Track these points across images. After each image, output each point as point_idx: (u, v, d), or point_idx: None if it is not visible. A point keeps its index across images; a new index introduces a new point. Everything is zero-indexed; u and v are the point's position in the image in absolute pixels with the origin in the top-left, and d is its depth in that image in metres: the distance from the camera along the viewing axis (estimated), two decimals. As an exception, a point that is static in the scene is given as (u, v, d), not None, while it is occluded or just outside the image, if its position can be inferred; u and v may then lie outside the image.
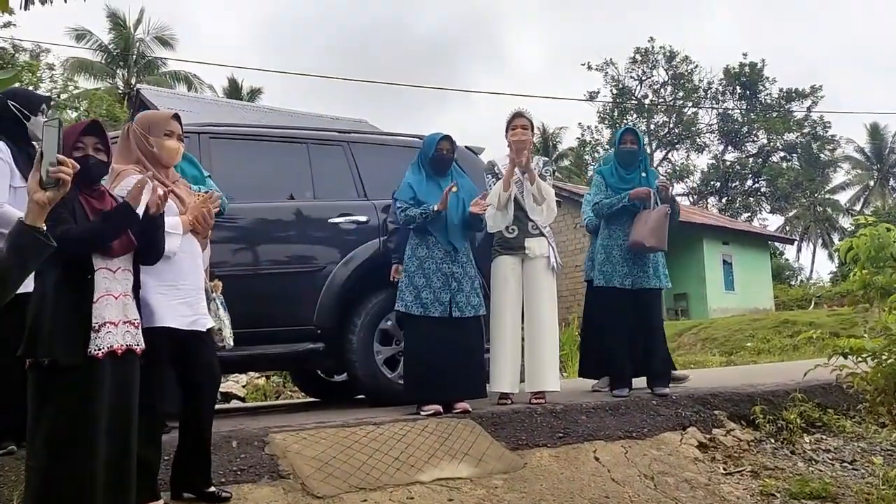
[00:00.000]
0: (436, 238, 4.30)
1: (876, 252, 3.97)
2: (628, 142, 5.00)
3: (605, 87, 34.52)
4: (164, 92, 17.09)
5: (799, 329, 12.99)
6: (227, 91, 28.69)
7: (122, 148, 3.03)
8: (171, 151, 3.02)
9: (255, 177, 4.83)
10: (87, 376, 2.41)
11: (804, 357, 9.90)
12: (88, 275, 2.44)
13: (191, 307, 2.94)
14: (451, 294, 4.24)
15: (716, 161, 34.43)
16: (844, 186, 37.79)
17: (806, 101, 32.71)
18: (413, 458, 3.57)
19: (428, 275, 4.25)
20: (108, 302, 2.49)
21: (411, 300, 4.23)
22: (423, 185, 4.37)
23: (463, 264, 4.35)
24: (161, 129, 3.00)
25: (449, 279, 4.26)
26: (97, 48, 25.33)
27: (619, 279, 4.81)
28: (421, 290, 4.22)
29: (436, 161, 4.42)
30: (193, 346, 2.96)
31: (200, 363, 2.99)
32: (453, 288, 4.25)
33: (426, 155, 4.44)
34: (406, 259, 4.35)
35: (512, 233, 4.61)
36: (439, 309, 4.21)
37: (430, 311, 4.19)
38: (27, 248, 2.13)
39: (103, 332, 2.46)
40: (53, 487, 2.34)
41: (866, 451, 4.55)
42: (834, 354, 3.81)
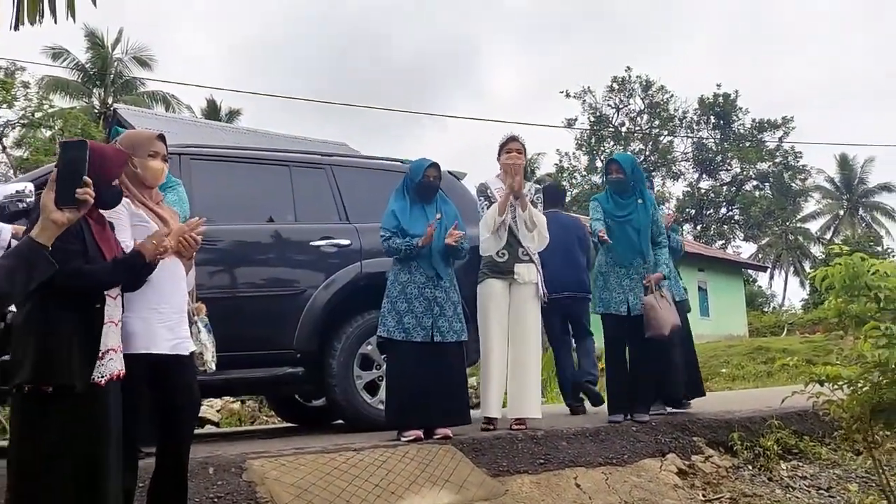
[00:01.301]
0: (418, 263, 4.26)
1: (850, 281, 4.04)
2: (613, 171, 4.97)
3: (583, 114, 35.03)
4: (141, 112, 17.04)
5: (773, 356, 13.14)
6: (206, 112, 28.62)
7: None
8: (156, 172, 2.98)
9: (236, 199, 4.81)
10: (92, 403, 2.35)
11: (778, 384, 10.01)
12: (98, 304, 2.40)
13: (172, 331, 2.88)
14: (433, 319, 4.20)
15: (691, 189, 34.94)
16: (815, 215, 38.50)
17: (778, 131, 33.45)
18: (393, 485, 3.53)
19: (410, 300, 4.21)
20: (111, 328, 2.47)
21: (393, 325, 4.18)
22: (408, 213, 4.32)
23: (446, 289, 4.30)
24: (146, 150, 2.95)
25: (431, 304, 4.21)
26: (74, 67, 25.13)
27: (615, 306, 4.81)
28: (403, 315, 4.17)
29: (422, 188, 4.37)
30: (173, 370, 2.90)
31: (179, 386, 2.94)
32: (435, 313, 4.20)
33: (412, 181, 4.38)
34: (388, 284, 4.31)
35: (502, 257, 4.56)
36: (421, 334, 4.16)
37: (412, 335, 4.15)
38: (37, 265, 2.10)
39: (106, 359, 2.43)
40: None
41: (842, 478, 4.60)
42: (810, 381, 3.85)
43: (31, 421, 2.30)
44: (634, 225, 4.83)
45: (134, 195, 2.91)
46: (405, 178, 4.46)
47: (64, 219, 2.07)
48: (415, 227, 4.24)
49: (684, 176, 35.13)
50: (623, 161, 5.00)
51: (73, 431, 2.32)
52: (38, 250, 2.10)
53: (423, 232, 4.21)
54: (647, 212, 4.88)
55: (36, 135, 18.01)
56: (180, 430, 2.96)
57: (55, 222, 2.07)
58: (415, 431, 4.09)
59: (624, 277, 4.82)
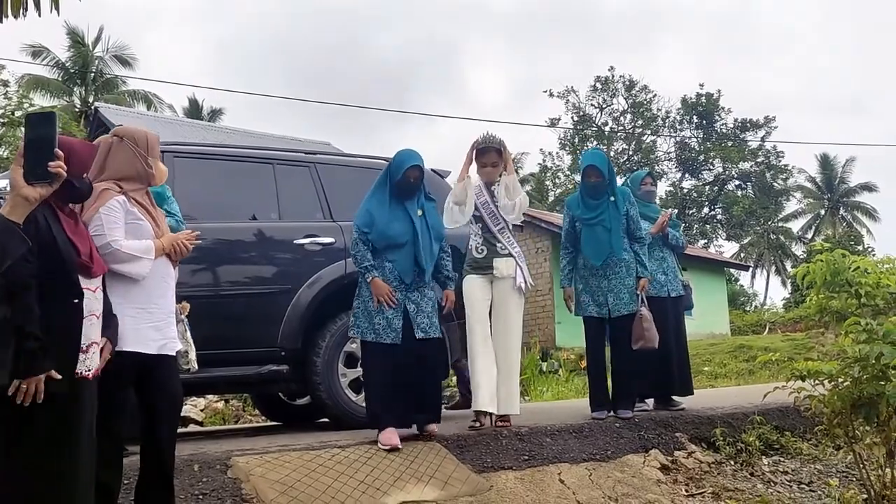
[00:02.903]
0: (392, 266, 4.11)
1: (832, 277, 4.10)
2: (592, 176, 4.86)
3: (567, 114, 35.11)
4: (123, 110, 16.88)
5: (755, 354, 13.23)
6: (188, 111, 28.47)
7: (114, 160, 2.96)
8: (163, 174, 3.07)
9: (220, 196, 4.78)
10: (71, 398, 2.34)
11: (760, 381, 10.09)
12: (77, 299, 2.37)
13: (159, 331, 2.88)
14: (403, 319, 4.06)
15: (673, 188, 35.10)
16: (797, 215, 38.87)
17: (760, 131, 33.67)
18: (378, 482, 3.54)
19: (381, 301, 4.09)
20: (93, 322, 2.46)
21: (366, 326, 4.07)
22: (386, 210, 4.14)
23: (419, 288, 4.17)
24: (157, 152, 3.02)
25: (402, 304, 4.08)
26: (54, 65, 24.88)
27: (595, 308, 4.80)
28: (374, 316, 4.04)
29: (402, 186, 4.19)
30: (158, 370, 2.90)
31: (161, 386, 2.93)
32: (411, 311, 4.08)
33: (393, 176, 4.20)
34: (360, 282, 4.18)
35: (481, 253, 4.53)
36: (391, 335, 4.02)
37: (382, 337, 4.02)
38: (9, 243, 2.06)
39: (90, 352, 2.43)
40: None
41: (822, 473, 4.65)
42: (792, 377, 3.90)
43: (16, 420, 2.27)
44: (606, 225, 4.79)
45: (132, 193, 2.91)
46: (386, 171, 4.27)
47: (36, 194, 2.03)
48: (391, 227, 4.10)
49: (667, 175, 35.27)
50: (601, 164, 4.88)
51: (55, 426, 2.30)
52: (10, 228, 2.06)
53: (400, 232, 4.09)
54: (618, 210, 4.83)
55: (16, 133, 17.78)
56: (161, 429, 2.94)
57: (26, 198, 2.03)
58: (392, 442, 3.90)
59: (601, 278, 4.81)
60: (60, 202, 2.39)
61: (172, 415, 3.03)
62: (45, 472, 2.28)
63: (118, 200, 2.85)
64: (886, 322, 3.75)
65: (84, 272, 2.42)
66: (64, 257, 2.32)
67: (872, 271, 4.10)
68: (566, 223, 5.01)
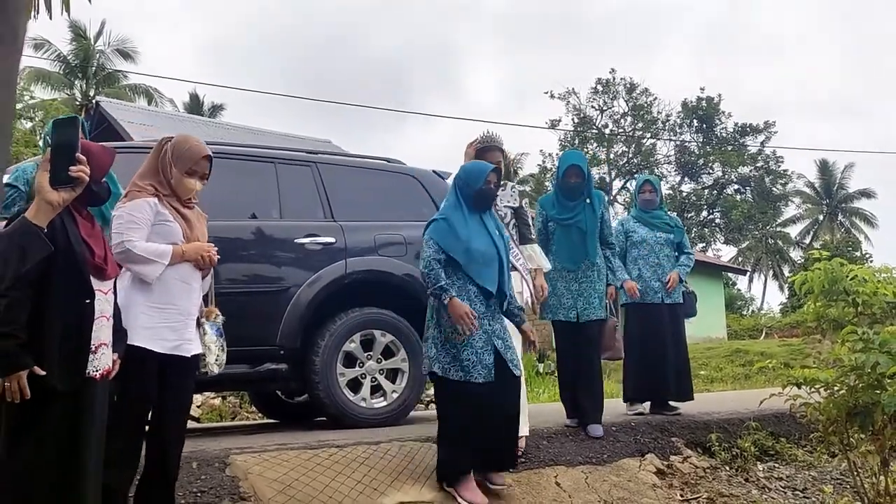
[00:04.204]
0: (477, 290, 3.61)
1: (829, 285, 4.12)
2: (573, 176, 4.65)
3: (567, 115, 35.16)
4: (123, 105, 16.85)
5: (751, 358, 13.30)
6: (188, 106, 28.44)
7: (151, 161, 3.03)
8: (187, 191, 3.03)
9: (221, 194, 4.78)
10: (79, 398, 2.36)
11: (756, 386, 10.12)
12: (88, 299, 2.39)
13: (175, 331, 2.90)
14: (494, 354, 3.58)
15: (672, 192, 35.16)
16: (795, 220, 38.96)
17: (759, 135, 33.73)
18: (376, 482, 3.56)
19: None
20: (102, 324, 2.47)
21: (449, 361, 3.53)
22: (465, 225, 3.65)
23: (501, 319, 3.74)
24: (186, 166, 3.01)
25: (491, 338, 3.60)
26: (55, 58, 24.87)
27: (564, 312, 4.64)
28: (461, 350, 3.52)
29: (481, 196, 3.72)
30: (170, 371, 2.91)
31: (172, 386, 2.95)
32: (498, 346, 3.61)
33: (470, 188, 3.71)
34: (433, 312, 3.65)
35: None
36: (483, 373, 3.52)
37: (473, 375, 3.50)
38: (30, 248, 2.08)
39: (100, 353, 2.45)
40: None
41: (817, 480, 4.67)
42: (788, 384, 3.92)
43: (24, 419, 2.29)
44: (581, 227, 4.61)
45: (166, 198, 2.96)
46: (459, 185, 3.79)
47: (59, 199, 2.05)
48: (474, 241, 3.62)
49: (666, 179, 35.32)
50: (583, 164, 4.70)
51: (60, 427, 2.32)
52: (32, 231, 2.09)
53: (484, 247, 3.64)
54: (594, 212, 4.65)
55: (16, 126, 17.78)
56: (168, 429, 2.97)
57: (50, 203, 2.05)
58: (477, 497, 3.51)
59: (572, 282, 4.62)
60: (78, 204, 2.41)
61: (180, 416, 3.04)
62: (52, 470, 2.29)
63: (148, 202, 2.89)
64: (883, 331, 3.76)
65: (97, 273, 2.44)
66: (77, 258, 2.34)
67: (870, 280, 4.12)
68: (539, 223, 4.82)
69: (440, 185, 5.47)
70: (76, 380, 2.33)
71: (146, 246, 2.85)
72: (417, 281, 5.00)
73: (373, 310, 4.86)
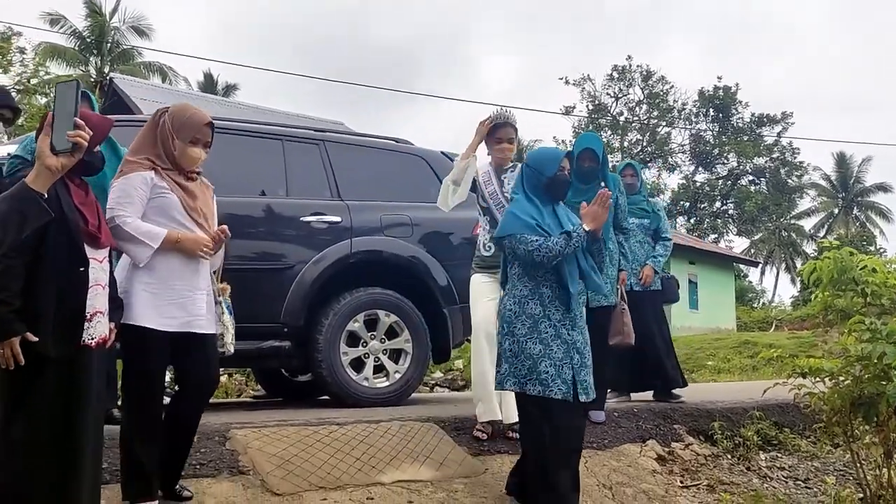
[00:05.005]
0: (552, 293, 3.22)
1: (838, 275, 4.07)
2: (587, 160, 4.41)
3: (582, 102, 34.97)
4: (137, 82, 16.85)
5: (759, 350, 13.22)
6: (202, 85, 28.46)
7: (146, 134, 2.94)
8: (192, 160, 2.94)
9: (227, 171, 4.77)
10: (73, 366, 2.35)
11: (763, 377, 10.06)
12: (82, 267, 2.38)
13: (183, 308, 2.86)
14: (573, 369, 3.18)
15: (686, 181, 34.96)
16: (810, 213, 38.62)
17: (776, 126, 33.43)
18: (374, 460, 3.56)
19: (546, 341, 3.17)
20: (98, 292, 2.46)
21: (525, 374, 3.15)
22: (540, 214, 3.29)
23: (583, 329, 3.33)
24: (190, 135, 2.91)
25: (570, 350, 3.19)
26: (71, 34, 24.89)
27: None
28: (538, 361, 3.15)
29: (554, 185, 3.33)
30: (187, 347, 2.90)
31: (186, 363, 2.95)
32: (575, 362, 3.19)
33: (542, 175, 3.32)
34: (509, 316, 3.25)
35: (489, 250, 4.07)
36: (562, 389, 3.12)
37: (552, 390, 3.12)
38: (30, 214, 2.07)
39: (94, 321, 2.44)
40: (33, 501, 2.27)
41: (819, 471, 4.65)
42: (793, 374, 3.89)
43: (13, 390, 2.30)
44: None
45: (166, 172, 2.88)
46: (528, 173, 3.38)
47: (58, 164, 2.03)
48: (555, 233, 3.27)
49: (680, 168, 35.17)
50: (598, 148, 4.48)
51: (57, 394, 2.32)
52: (31, 197, 2.07)
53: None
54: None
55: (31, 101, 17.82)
56: (184, 405, 2.98)
57: (49, 168, 2.03)
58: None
59: None
60: (71, 173, 2.39)
61: (197, 393, 3.01)
62: (47, 438, 2.29)
63: (143, 176, 2.82)
64: (891, 322, 3.73)
65: (91, 242, 2.42)
66: (71, 226, 2.33)
67: (880, 271, 4.07)
68: None
69: (448, 167, 5.42)
70: (70, 347, 2.33)
71: (138, 224, 2.78)
72: (422, 262, 5.01)
73: (377, 290, 4.85)
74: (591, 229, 3.18)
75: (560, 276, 3.20)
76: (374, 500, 3.26)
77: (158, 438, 2.90)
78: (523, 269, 3.25)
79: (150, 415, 2.87)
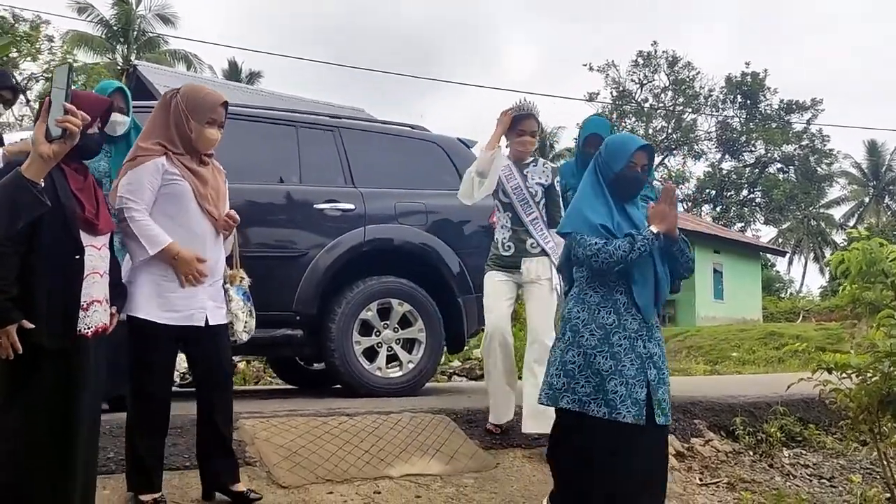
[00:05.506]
0: (628, 300, 2.84)
1: (867, 267, 3.91)
2: (593, 145, 3.96)
3: (606, 88, 34.55)
4: (161, 69, 16.89)
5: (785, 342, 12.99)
6: (227, 73, 28.56)
7: (157, 118, 2.88)
8: (210, 142, 2.88)
9: (241, 158, 4.71)
10: (69, 355, 2.31)
11: (789, 370, 9.87)
12: (77, 255, 2.32)
13: (187, 300, 2.80)
14: (648, 388, 2.78)
15: (712, 169, 34.46)
16: (839, 201, 37.92)
17: (806, 113, 32.79)
18: (383, 452, 3.49)
19: (618, 356, 2.78)
20: (95, 280, 2.41)
21: (589, 392, 2.77)
22: (610, 211, 2.89)
23: (660, 340, 2.94)
24: (206, 115, 2.84)
25: (646, 364, 2.80)
26: (98, 22, 25.09)
27: None
28: (607, 379, 2.76)
29: (622, 182, 2.90)
30: (193, 340, 2.86)
31: (196, 354, 2.92)
32: (652, 379, 2.80)
33: (609, 169, 2.90)
34: (572, 323, 2.87)
35: (508, 250, 3.86)
36: (633, 411, 2.72)
37: (620, 412, 2.72)
38: (23, 204, 2.02)
39: (91, 310, 2.39)
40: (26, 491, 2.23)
41: (845, 469, 4.50)
42: (818, 369, 3.75)
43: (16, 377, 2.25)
44: None
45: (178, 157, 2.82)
46: (600, 163, 2.95)
47: (49, 151, 1.97)
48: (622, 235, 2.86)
49: (706, 156, 34.65)
50: (605, 132, 4.13)
51: (52, 384, 2.28)
52: (24, 186, 2.02)
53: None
54: None
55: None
56: (210, 396, 2.94)
57: (42, 156, 1.97)
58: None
59: None
60: (68, 158, 2.32)
61: (214, 383, 2.95)
62: (44, 428, 2.25)
63: (155, 163, 2.77)
64: (923, 316, 3.57)
65: (88, 229, 2.37)
66: (66, 213, 2.27)
67: (911, 262, 3.90)
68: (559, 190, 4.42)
69: (464, 154, 5.34)
70: (66, 337, 2.27)
71: (144, 225, 2.73)
72: (437, 250, 4.92)
73: (391, 278, 4.78)
74: (659, 231, 2.79)
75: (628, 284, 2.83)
76: (382, 494, 3.19)
77: (161, 432, 2.87)
78: (591, 272, 2.87)
79: (152, 407, 2.83)
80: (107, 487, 2.91)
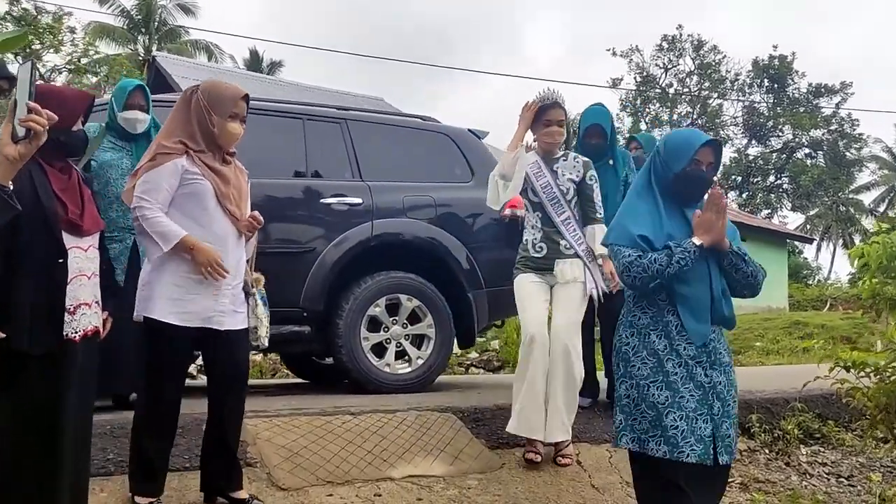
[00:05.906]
0: (680, 322, 2.53)
1: (888, 262, 3.78)
2: (594, 136, 4.09)
3: (629, 74, 34.10)
4: (180, 60, 16.97)
5: (811, 331, 12.76)
6: (248, 63, 28.59)
7: (178, 115, 2.83)
8: (233, 136, 2.84)
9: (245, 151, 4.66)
10: (55, 360, 2.27)
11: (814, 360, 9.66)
12: (61, 258, 2.28)
13: (205, 303, 2.76)
14: (713, 422, 2.49)
15: (738, 155, 33.89)
16: (870, 187, 37.09)
17: (835, 97, 32.10)
18: (386, 453, 3.45)
19: (674, 386, 2.50)
20: (82, 282, 2.36)
21: (646, 429, 2.50)
22: (658, 219, 2.58)
23: (726, 367, 2.60)
24: (227, 110, 2.80)
25: (709, 396, 2.51)
26: (119, 13, 25.25)
27: None
28: (664, 413, 2.47)
29: (684, 181, 2.58)
30: (209, 343, 2.83)
31: (214, 358, 2.88)
32: (717, 413, 2.50)
33: (668, 169, 2.60)
34: (622, 346, 2.62)
35: (539, 251, 3.67)
36: (698, 450, 2.44)
37: (682, 449, 2.44)
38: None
39: (79, 314, 2.34)
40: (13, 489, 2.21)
41: (865, 467, 4.38)
42: (835, 367, 3.63)
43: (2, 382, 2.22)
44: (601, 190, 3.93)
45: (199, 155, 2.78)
46: (657, 163, 2.65)
47: (15, 153, 1.91)
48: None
49: (732, 141, 34.04)
50: (605, 123, 4.12)
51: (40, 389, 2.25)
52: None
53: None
54: (617, 175, 4.14)
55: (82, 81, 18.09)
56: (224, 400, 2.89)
57: (7, 158, 1.92)
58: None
59: None
60: (48, 157, 2.28)
61: (229, 388, 2.91)
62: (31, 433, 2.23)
63: (175, 163, 2.73)
64: (944, 314, 3.44)
65: (72, 230, 2.32)
66: (47, 215, 2.23)
67: (934, 257, 3.76)
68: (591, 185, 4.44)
69: (475, 145, 5.26)
70: (51, 342, 2.23)
71: (158, 221, 2.69)
72: (446, 244, 4.84)
73: (399, 274, 4.72)
74: (703, 243, 2.49)
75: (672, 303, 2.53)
76: (382, 496, 3.14)
77: (170, 434, 2.85)
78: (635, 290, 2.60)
79: (162, 410, 2.80)
80: (104, 490, 2.90)
